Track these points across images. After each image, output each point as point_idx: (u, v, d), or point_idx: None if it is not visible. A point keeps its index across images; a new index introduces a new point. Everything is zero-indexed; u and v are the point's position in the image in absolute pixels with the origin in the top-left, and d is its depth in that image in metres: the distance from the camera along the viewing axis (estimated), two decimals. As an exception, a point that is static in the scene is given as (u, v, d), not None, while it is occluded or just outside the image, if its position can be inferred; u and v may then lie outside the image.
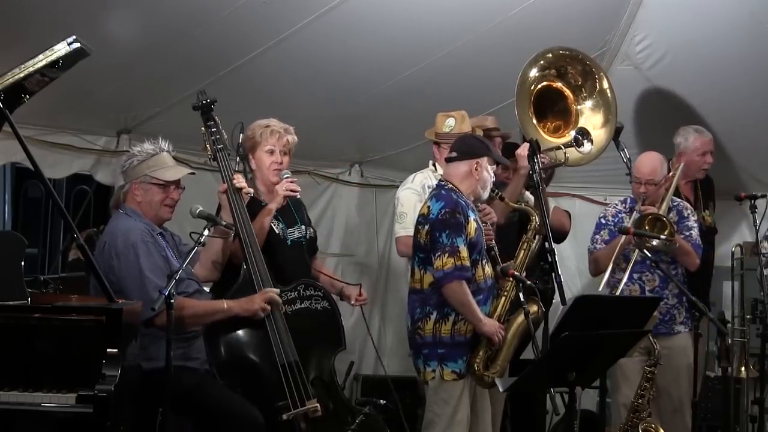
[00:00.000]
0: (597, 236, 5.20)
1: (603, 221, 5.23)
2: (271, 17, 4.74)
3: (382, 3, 4.93)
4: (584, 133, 4.73)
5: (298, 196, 4.40)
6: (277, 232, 4.30)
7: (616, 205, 5.27)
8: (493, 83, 5.48)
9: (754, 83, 5.65)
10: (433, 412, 4.26)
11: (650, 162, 5.07)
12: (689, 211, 5.17)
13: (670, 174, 5.11)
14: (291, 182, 4.29)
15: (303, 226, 4.44)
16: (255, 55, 4.96)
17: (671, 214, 5.06)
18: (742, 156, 6.10)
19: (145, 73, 4.93)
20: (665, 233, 4.84)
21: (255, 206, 4.28)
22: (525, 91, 4.79)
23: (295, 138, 4.39)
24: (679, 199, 5.23)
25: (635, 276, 5.08)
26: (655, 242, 4.86)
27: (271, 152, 4.33)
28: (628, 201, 5.20)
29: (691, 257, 5.02)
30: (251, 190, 4.12)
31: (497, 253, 4.42)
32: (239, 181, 4.06)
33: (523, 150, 4.57)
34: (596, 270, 5.17)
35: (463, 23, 5.13)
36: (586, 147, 4.73)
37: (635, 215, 4.99)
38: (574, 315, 3.77)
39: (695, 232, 5.11)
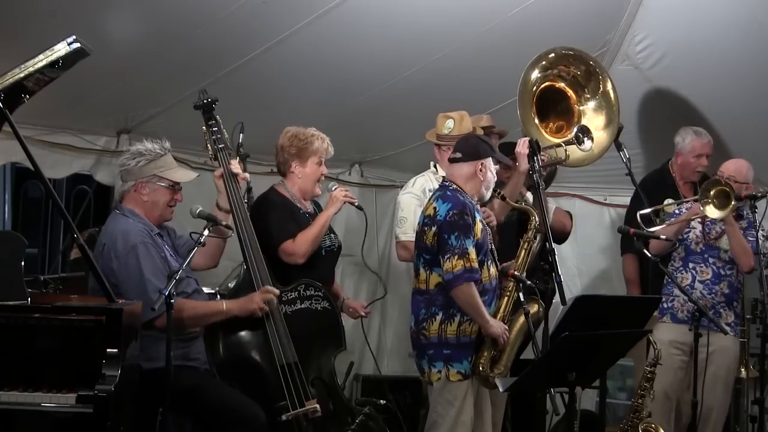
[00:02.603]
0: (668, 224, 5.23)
1: (677, 211, 5.28)
2: (270, 18, 4.74)
3: (381, 4, 4.93)
4: (585, 131, 4.74)
5: (357, 203, 4.47)
6: None
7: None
8: (493, 84, 5.48)
9: (755, 84, 5.65)
10: (437, 413, 4.25)
11: (737, 163, 5.18)
12: (759, 226, 5.18)
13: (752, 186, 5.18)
14: (346, 190, 4.48)
15: (332, 235, 4.49)
16: (254, 55, 4.95)
17: (741, 222, 5.13)
18: (742, 156, 6.08)
19: (145, 73, 4.93)
20: (726, 210, 4.89)
21: (295, 213, 4.33)
22: (527, 91, 4.79)
23: None
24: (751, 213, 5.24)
25: (690, 265, 5.15)
26: (714, 214, 4.91)
27: (320, 163, 4.40)
28: None
29: (747, 256, 5.06)
30: (247, 176, 4.14)
31: (496, 255, 4.42)
32: (235, 166, 4.06)
33: (522, 148, 4.56)
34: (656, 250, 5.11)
35: (462, 24, 5.13)
36: (587, 144, 4.74)
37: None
38: (574, 315, 3.78)
39: (758, 244, 5.12)
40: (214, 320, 3.93)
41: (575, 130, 4.76)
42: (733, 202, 4.89)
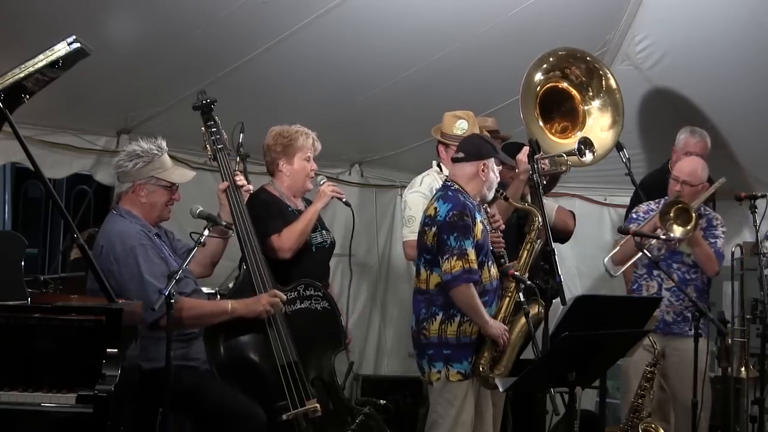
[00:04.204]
0: None
1: (634, 216, 5.27)
2: (270, 18, 4.75)
3: (381, 4, 4.93)
4: (587, 144, 4.74)
5: (344, 199, 4.45)
6: None
7: (650, 203, 5.29)
8: (493, 84, 5.49)
9: (755, 83, 5.65)
10: (437, 413, 4.25)
11: (692, 165, 5.13)
12: (719, 222, 5.19)
13: (709, 183, 5.13)
14: (334, 185, 4.44)
15: (324, 231, 4.47)
16: (255, 55, 4.96)
17: (701, 221, 5.10)
18: (742, 156, 6.10)
19: (145, 73, 4.93)
20: (689, 226, 4.87)
21: (283, 210, 4.31)
22: (530, 93, 4.79)
23: None
24: (712, 210, 5.25)
25: (654, 273, 5.13)
26: (678, 233, 4.88)
27: (308, 159, 4.38)
28: (663, 202, 5.20)
29: (711, 263, 5.06)
30: (251, 188, 4.14)
31: (507, 261, 4.42)
32: (240, 179, 4.07)
33: (524, 155, 4.58)
34: (613, 264, 5.19)
35: (462, 24, 5.13)
36: (588, 157, 4.74)
37: (666, 199, 5.04)
38: (574, 315, 3.77)
39: (720, 242, 5.13)
40: (219, 320, 3.91)
41: (577, 142, 4.76)
42: (694, 216, 4.87)
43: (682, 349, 4.97)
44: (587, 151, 4.70)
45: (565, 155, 4.72)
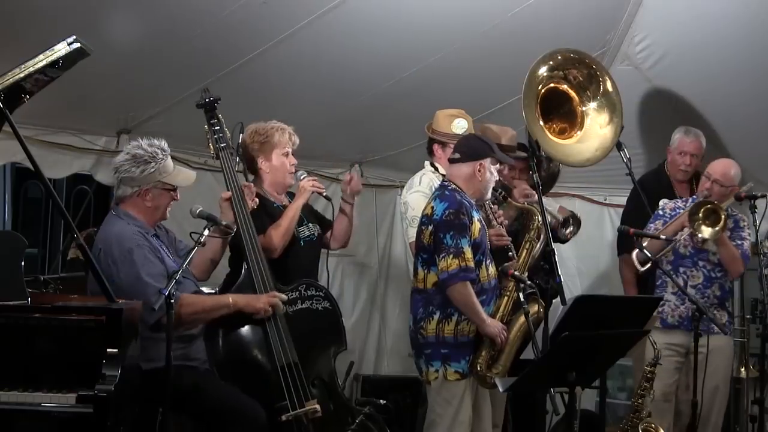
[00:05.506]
0: (651, 225, 5.21)
1: (660, 212, 5.25)
2: (270, 18, 4.74)
3: (381, 4, 4.93)
4: (575, 220, 4.92)
5: (324, 193, 4.44)
6: None
7: (677, 201, 5.29)
8: (493, 84, 5.48)
9: (755, 83, 5.65)
10: (436, 413, 4.26)
11: (725, 165, 5.12)
12: (746, 223, 5.19)
13: (738, 186, 5.14)
14: (314, 180, 4.41)
15: (311, 224, 4.47)
16: (254, 55, 4.95)
17: (729, 221, 5.07)
18: (742, 156, 6.08)
19: (145, 73, 4.92)
20: (718, 227, 4.87)
21: (268, 207, 4.31)
22: (532, 90, 4.79)
23: None
24: (738, 212, 5.24)
25: (681, 270, 5.11)
26: (707, 233, 4.89)
27: (287, 155, 4.37)
28: (690, 200, 5.20)
29: (736, 264, 5.05)
30: (257, 201, 4.13)
31: (515, 253, 4.43)
32: (251, 192, 4.09)
33: (521, 195, 4.71)
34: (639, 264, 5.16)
35: (462, 24, 5.13)
36: (569, 230, 4.94)
37: (693, 199, 5.04)
38: (574, 315, 3.77)
39: (747, 244, 5.12)
40: (220, 314, 3.91)
41: (569, 213, 4.87)
42: (723, 217, 4.87)
43: (705, 345, 4.94)
44: (571, 226, 4.90)
45: (548, 212, 4.85)
